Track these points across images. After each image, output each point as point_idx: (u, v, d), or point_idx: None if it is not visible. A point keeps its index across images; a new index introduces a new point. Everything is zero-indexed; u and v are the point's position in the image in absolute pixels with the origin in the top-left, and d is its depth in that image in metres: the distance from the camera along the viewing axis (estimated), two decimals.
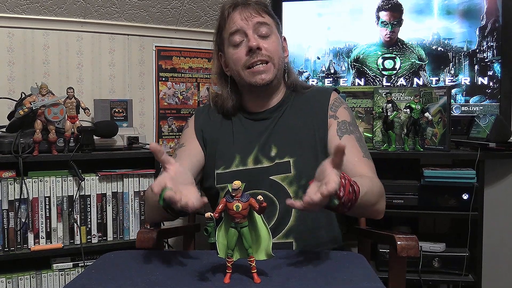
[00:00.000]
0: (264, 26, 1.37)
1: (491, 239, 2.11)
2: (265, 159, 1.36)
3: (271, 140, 1.38)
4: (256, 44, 1.34)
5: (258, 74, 1.36)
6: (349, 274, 0.95)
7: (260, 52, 1.35)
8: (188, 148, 1.44)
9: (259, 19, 1.37)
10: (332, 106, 1.42)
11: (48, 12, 2.21)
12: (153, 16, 2.43)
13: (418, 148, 2.08)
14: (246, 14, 1.37)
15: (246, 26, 1.36)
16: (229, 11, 1.39)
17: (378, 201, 1.24)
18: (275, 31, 1.41)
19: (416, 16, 2.34)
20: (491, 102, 2.24)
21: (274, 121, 1.42)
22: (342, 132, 1.37)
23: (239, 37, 1.37)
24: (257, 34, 1.37)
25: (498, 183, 2.17)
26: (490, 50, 2.24)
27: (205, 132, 1.46)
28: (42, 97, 1.77)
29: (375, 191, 1.20)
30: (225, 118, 1.47)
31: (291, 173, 1.33)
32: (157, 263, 1.04)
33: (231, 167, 1.37)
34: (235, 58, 1.38)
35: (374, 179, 1.27)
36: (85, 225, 1.92)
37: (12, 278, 1.81)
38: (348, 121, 1.40)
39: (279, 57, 1.40)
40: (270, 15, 1.42)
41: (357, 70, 2.40)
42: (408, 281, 1.30)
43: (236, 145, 1.40)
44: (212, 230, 0.88)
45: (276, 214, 1.31)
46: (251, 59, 1.35)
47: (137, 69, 2.45)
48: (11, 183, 1.79)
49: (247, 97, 1.46)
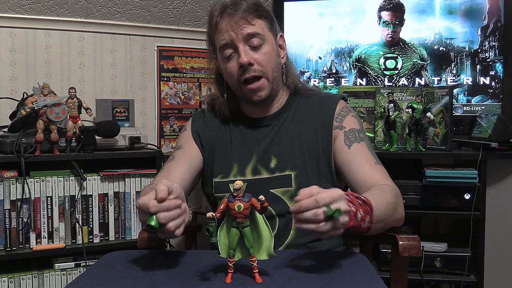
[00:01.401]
0: (255, 36, 1.28)
1: (493, 239, 2.10)
2: (264, 170, 1.32)
3: (271, 150, 1.33)
4: (247, 61, 1.26)
5: (253, 92, 1.30)
6: (351, 274, 0.94)
7: (252, 68, 1.28)
8: (186, 150, 1.40)
9: (249, 30, 1.27)
10: (338, 117, 1.35)
11: (50, 12, 2.21)
12: (155, 16, 2.44)
13: (420, 148, 2.07)
14: (234, 25, 1.27)
15: (236, 38, 1.27)
16: (217, 19, 1.31)
17: (396, 210, 1.17)
18: (267, 37, 1.31)
19: (418, 16, 2.33)
20: (493, 102, 2.24)
21: (274, 129, 1.36)
22: (350, 141, 1.30)
23: (229, 51, 1.30)
24: (248, 45, 1.29)
25: (500, 183, 2.17)
26: (492, 50, 2.24)
27: (202, 137, 1.42)
28: (44, 97, 1.77)
29: (389, 198, 1.15)
30: (222, 124, 1.42)
31: (292, 187, 1.28)
32: (159, 263, 1.04)
33: (229, 177, 1.33)
34: (228, 73, 1.32)
35: (387, 187, 1.20)
36: (87, 225, 1.92)
37: (14, 278, 1.81)
38: (357, 128, 1.34)
39: (273, 68, 1.32)
40: (262, 16, 1.31)
41: (359, 70, 2.40)
42: (410, 281, 1.30)
43: (234, 153, 1.36)
44: (214, 230, 0.88)
45: (276, 228, 1.27)
46: (244, 75, 1.28)
47: (138, 69, 2.45)
48: (13, 183, 1.79)
49: (245, 104, 1.40)
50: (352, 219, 0.95)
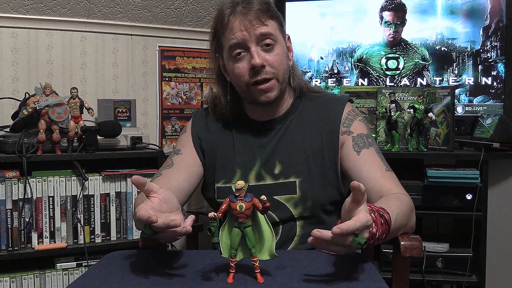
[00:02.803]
0: (268, 37, 1.24)
1: (495, 239, 2.10)
2: (268, 176, 1.29)
3: (275, 156, 1.30)
4: (260, 63, 1.22)
5: (262, 93, 1.25)
6: (352, 274, 0.94)
7: (264, 70, 1.23)
8: (185, 157, 1.36)
9: (262, 30, 1.23)
10: (345, 121, 1.31)
11: (51, 12, 2.22)
12: (157, 16, 2.44)
13: (422, 148, 2.07)
14: (248, 24, 1.22)
15: (248, 38, 1.22)
16: (229, 18, 1.24)
17: (409, 220, 1.15)
18: (279, 38, 1.28)
19: (420, 16, 2.33)
20: (495, 102, 2.24)
21: (278, 133, 1.32)
22: (359, 147, 1.27)
23: (240, 50, 1.24)
24: (260, 46, 1.24)
25: (502, 183, 2.16)
26: (494, 50, 2.23)
27: (203, 140, 1.37)
28: (46, 97, 1.78)
29: (405, 210, 1.12)
30: (224, 126, 1.37)
31: (296, 194, 1.26)
32: (161, 263, 1.04)
33: (231, 182, 1.29)
34: (237, 73, 1.26)
35: (402, 196, 1.17)
36: (88, 225, 1.92)
37: (16, 278, 1.82)
38: (365, 133, 1.30)
39: (284, 70, 1.28)
40: (273, 17, 1.27)
41: (361, 70, 2.40)
42: (411, 281, 1.30)
43: (236, 158, 1.32)
44: (215, 230, 0.88)
45: (279, 234, 1.26)
46: (255, 77, 1.24)
47: (140, 69, 2.45)
48: (15, 183, 1.79)
49: (249, 106, 1.36)
50: (370, 240, 0.91)
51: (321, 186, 1.26)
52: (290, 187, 1.27)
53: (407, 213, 1.13)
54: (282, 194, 1.27)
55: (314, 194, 1.25)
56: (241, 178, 1.29)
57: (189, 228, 0.94)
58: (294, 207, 1.26)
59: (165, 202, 0.99)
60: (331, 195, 1.28)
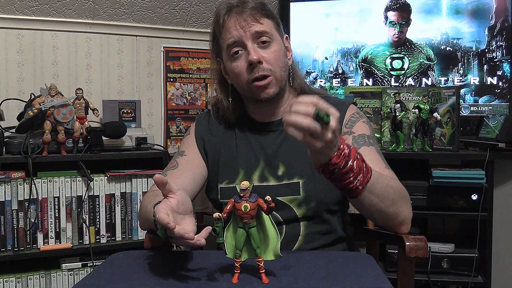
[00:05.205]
0: (264, 35, 1.26)
1: (501, 239, 2.09)
2: (271, 177, 1.29)
3: (278, 157, 1.30)
4: (257, 58, 1.24)
5: (262, 89, 1.27)
6: (357, 275, 0.94)
7: (261, 66, 1.25)
8: (190, 159, 1.36)
9: (258, 28, 1.26)
10: (348, 123, 1.32)
11: (57, 13, 2.22)
12: (161, 17, 2.44)
13: (427, 149, 2.07)
14: (243, 23, 1.25)
15: (244, 36, 1.25)
16: (224, 18, 1.28)
17: (398, 202, 1.13)
18: (275, 36, 1.30)
19: (425, 16, 2.33)
20: (500, 102, 2.23)
21: (281, 135, 1.32)
22: (359, 144, 1.26)
23: (237, 49, 1.27)
24: (256, 43, 1.26)
25: (508, 184, 2.15)
26: (499, 49, 2.23)
27: (206, 142, 1.38)
28: (51, 98, 1.79)
29: (394, 186, 1.12)
30: (227, 127, 1.38)
31: (300, 195, 1.26)
32: (166, 263, 1.05)
33: (235, 182, 1.30)
34: (236, 72, 1.28)
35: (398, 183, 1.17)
36: (94, 225, 1.93)
37: (22, 278, 1.82)
38: (367, 134, 1.29)
39: (281, 67, 1.29)
40: (269, 16, 1.30)
41: (365, 70, 2.40)
42: (417, 282, 1.30)
43: (240, 158, 1.33)
44: (220, 230, 0.89)
45: (283, 235, 1.26)
46: (253, 74, 1.25)
47: (145, 70, 2.46)
48: (21, 183, 1.80)
49: (251, 106, 1.37)
50: (337, 156, 0.96)
51: (324, 186, 1.26)
52: (293, 188, 1.27)
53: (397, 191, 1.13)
54: (286, 195, 1.27)
55: (317, 195, 1.26)
56: (244, 178, 1.29)
57: (202, 241, 0.93)
58: (298, 208, 1.26)
59: (182, 203, 0.99)
60: (334, 195, 1.28)
